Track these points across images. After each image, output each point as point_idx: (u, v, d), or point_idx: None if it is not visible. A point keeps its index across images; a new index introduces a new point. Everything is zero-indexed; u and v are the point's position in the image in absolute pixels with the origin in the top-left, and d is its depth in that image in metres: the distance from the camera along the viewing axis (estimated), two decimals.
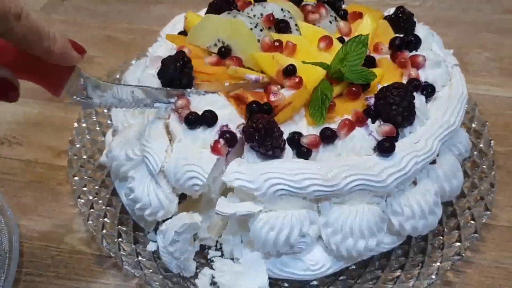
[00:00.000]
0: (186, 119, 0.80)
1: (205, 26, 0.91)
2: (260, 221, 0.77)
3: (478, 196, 0.93)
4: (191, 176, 0.77)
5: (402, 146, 0.79)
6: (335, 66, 0.83)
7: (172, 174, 0.79)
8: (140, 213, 0.84)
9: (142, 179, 0.82)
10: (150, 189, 0.81)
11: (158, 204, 0.81)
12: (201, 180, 0.76)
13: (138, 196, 0.82)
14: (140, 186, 0.82)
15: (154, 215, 0.82)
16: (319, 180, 0.75)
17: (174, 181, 0.79)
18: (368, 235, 0.78)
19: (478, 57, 1.36)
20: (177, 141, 0.80)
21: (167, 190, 0.81)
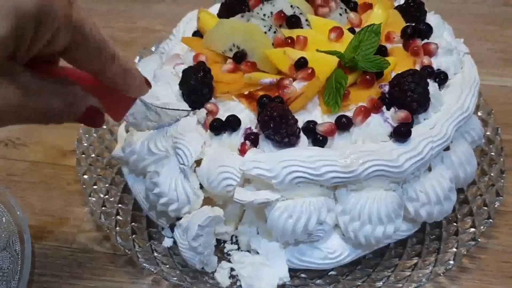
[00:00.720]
0: (211, 126, 0.81)
1: (220, 31, 0.91)
2: (278, 209, 0.77)
3: (488, 183, 0.94)
4: (225, 177, 0.77)
5: (418, 131, 0.79)
6: (348, 55, 0.84)
7: (205, 177, 0.79)
8: (163, 208, 0.83)
9: (169, 174, 0.81)
10: (178, 184, 0.80)
11: (185, 199, 0.80)
12: (235, 180, 0.77)
13: (164, 191, 0.81)
14: (167, 181, 0.81)
15: (178, 210, 0.81)
16: (337, 167, 0.75)
17: (207, 184, 0.79)
18: (386, 221, 0.78)
19: (480, 48, 1.38)
20: (208, 146, 0.81)
21: (195, 186, 0.81)
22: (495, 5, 1.53)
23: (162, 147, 0.84)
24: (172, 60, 0.94)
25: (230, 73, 0.88)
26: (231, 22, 0.92)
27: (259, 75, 0.86)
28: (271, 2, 0.98)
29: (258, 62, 0.89)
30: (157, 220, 0.89)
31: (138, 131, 0.88)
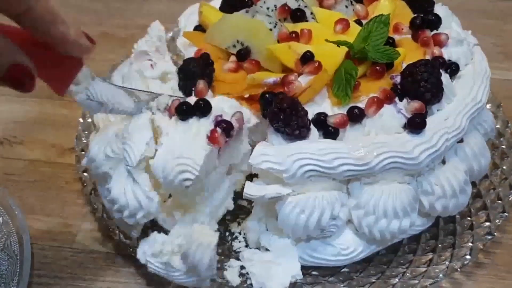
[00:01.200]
0: (178, 108, 0.75)
1: (224, 26, 0.89)
2: (289, 204, 0.74)
3: (501, 176, 0.92)
4: (181, 170, 0.71)
5: (432, 123, 0.77)
6: (358, 45, 0.81)
7: (160, 169, 0.73)
8: (118, 215, 0.78)
9: (119, 178, 0.77)
10: (127, 188, 0.75)
11: (136, 204, 0.75)
12: (193, 174, 0.71)
13: (115, 196, 0.76)
14: (117, 185, 0.76)
15: (133, 217, 0.76)
16: (350, 159, 0.73)
17: (162, 178, 0.73)
18: (402, 215, 0.75)
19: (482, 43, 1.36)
20: (165, 135, 0.75)
21: (145, 187, 0.75)
22: (492, 0, 1.52)
23: (118, 150, 0.78)
24: (139, 57, 0.90)
25: (232, 73, 0.85)
26: (236, 18, 0.90)
27: (263, 74, 0.83)
28: None
29: (262, 60, 0.86)
30: (125, 229, 0.84)
31: (93, 113, 0.82)
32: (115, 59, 1.25)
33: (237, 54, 0.87)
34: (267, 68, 0.88)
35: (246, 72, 0.86)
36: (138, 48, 0.95)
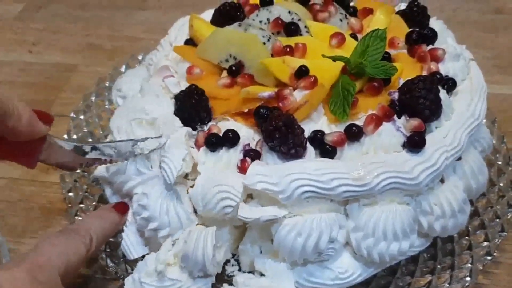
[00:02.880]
0: (207, 141, 0.76)
1: (216, 41, 0.86)
2: (285, 226, 0.71)
3: (499, 194, 0.90)
4: (223, 197, 0.71)
5: (431, 141, 0.75)
6: (355, 60, 0.79)
7: (200, 198, 0.73)
8: (151, 234, 0.76)
9: (159, 196, 0.75)
10: (170, 207, 0.74)
11: (178, 223, 0.74)
12: (235, 201, 0.70)
13: (153, 215, 0.74)
14: (157, 204, 0.74)
15: (170, 235, 0.75)
16: (349, 180, 0.70)
17: (202, 206, 0.73)
18: (401, 237, 0.73)
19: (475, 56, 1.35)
20: (201, 163, 0.75)
21: (188, 209, 0.75)
22: (486, 12, 1.51)
23: (151, 166, 0.78)
24: (160, 72, 0.88)
25: (226, 88, 0.83)
26: (228, 32, 0.87)
27: (257, 88, 0.81)
28: (268, 8, 0.93)
29: (256, 74, 0.84)
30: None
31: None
32: (101, 72, 1.22)
33: (229, 71, 0.84)
34: (261, 82, 0.85)
35: (240, 87, 0.83)
36: (158, 63, 0.93)
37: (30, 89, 1.25)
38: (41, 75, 1.29)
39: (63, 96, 1.23)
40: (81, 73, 1.30)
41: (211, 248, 0.71)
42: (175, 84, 0.86)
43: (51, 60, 1.34)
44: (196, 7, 1.13)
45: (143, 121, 0.83)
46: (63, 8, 1.54)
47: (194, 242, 0.71)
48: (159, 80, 0.89)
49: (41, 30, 1.46)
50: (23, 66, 1.32)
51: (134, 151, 0.79)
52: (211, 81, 0.85)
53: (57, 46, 1.40)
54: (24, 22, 1.49)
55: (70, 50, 1.38)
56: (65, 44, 1.40)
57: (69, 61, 1.34)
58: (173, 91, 0.85)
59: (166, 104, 0.83)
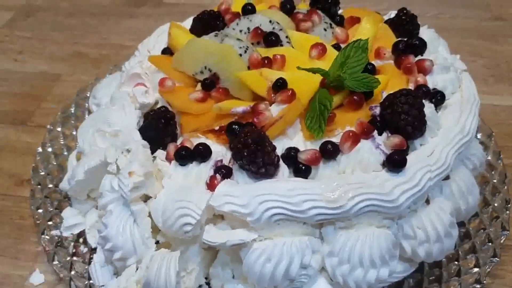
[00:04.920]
0: (177, 154, 0.72)
1: (191, 51, 0.83)
2: (254, 251, 0.67)
3: (492, 214, 0.84)
4: (182, 214, 0.67)
5: (414, 159, 0.70)
6: (334, 73, 0.74)
7: (160, 213, 0.69)
8: (109, 255, 0.72)
9: (120, 215, 0.71)
10: (126, 228, 0.70)
11: (131, 247, 0.70)
12: (194, 218, 0.66)
13: (109, 234, 0.70)
14: (116, 223, 0.70)
15: (123, 260, 0.71)
16: (322, 202, 0.65)
17: (162, 222, 0.69)
18: (379, 264, 0.68)
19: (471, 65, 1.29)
20: (167, 177, 0.71)
21: (145, 233, 0.70)
22: (484, 19, 1.46)
23: (120, 185, 0.73)
24: (131, 80, 0.85)
25: (199, 102, 0.79)
26: (203, 42, 0.83)
27: (230, 103, 0.76)
28: (248, 17, 0.88)
29: (231, 88, 0.80)
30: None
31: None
32: (85, 81, 1.19)
33: (203, 85, 0.80)
34: (237, 96, 0.81)
35: (215, 101, 0.79)
36: (130, 69, 0.91)
37: (11, 99, 1.22)
38: (24, 84, 1.27)
39: (45, 106, 1.20)
40: (64, 82, 1.27)
41: (174, 275, 0.66)
42: (143, 93, 0.84)
43: (35, 69, 1.32)
44: (187, 15, 1.09)
45: (106, 133, 0.79)
46: (51, 16, 1.51)
47: (156, 268, 0.67)
48: (129, 89, 0.86)
49: (28, 38, 1.43)
50: (6, 75, 1.30)
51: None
52: (183, 95, 0.81)
53: (42, 54, 1.37)
54: (11, 30, 1.46)
55: (55, 59, 1.35)
56: (51, 52, 1.37)
57: (54, 70, 1.31)
58: (139, 101, 0.83)
59: (130, 116, 0.80)
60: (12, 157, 1.07)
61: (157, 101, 0.86)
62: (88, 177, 0.79)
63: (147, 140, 0.77)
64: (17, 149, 1.09)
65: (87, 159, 0.80)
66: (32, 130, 1.13)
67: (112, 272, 0.75)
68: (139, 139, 0.76)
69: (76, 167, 0.81)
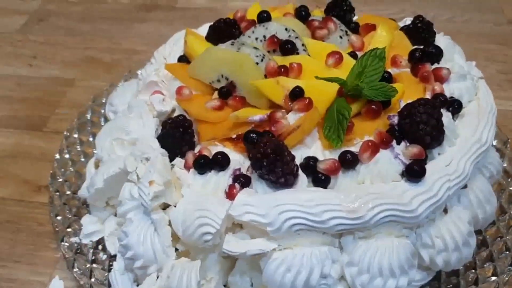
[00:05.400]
0: (196, 163, 0.72)
1: (207, 59, 0.83)
2: (274, 261, 0.67)
3: (509, 222, 0.85)
4: (202, 223, 0.67)
5: (433, 169, 0.70)
6: (352, 82, 0.75)
7: (180, 222, 0.69)
8: (129, 263, 0.73)
9: (141, 224, 0.72)
10: (147, 237, 0.71)
11: (152, 256, 0.71)
12: (215, 228, 0.66)
13: (131, 242, 0.71)
14: (136, 232, 0.71)
15: (144, 268, 0.72)
16: (342, 212, 0.66)
17: (182, 231, 0.70)
18: (399, 274, 0.68)
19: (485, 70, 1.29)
20: (186, 187, 0.72)
21: (165, 242, 0.71)
22: (499, 24, 1.46)
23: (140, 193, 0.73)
24: (148, 88, 0.86)
25: (216, 111, 0.79)
26: (220, 51, 0.84)
27: (247, 112, 0.77)
28: (264, 24, 0.89)
29: (248, 96, 0.80)
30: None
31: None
32: (99, 86, 1.20)
33: (219, 92, 0.81)
34: (253, 104, 0.81)
35: (232, 110, 0.79)
36: (147, 77, 0.91)
37: (26, 105, 1.23)
38: (38, 90, 1.28)
39: (59, 112, 1.21)
40: (78, 88, 1.28)
41: (196, 285, 0.67)
42: (160, 101, 0.84)
43: (48, 74, 1.33)
44: (199, 19, 1.10)
45: (124, 142, 0.80)
46: (63, 21, 1.52)
47: (177, 277, 0.68)
48: (146, 97, 0.86)
49: (41, 43, 1.44)
50: (20, 80, 1.31)
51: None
52: (200, 103, 0.81)
53: (55, 59, 1.38)
54: (24, 35, 1.47)
55: (68, 64, 1.36)
56: (63, 57, 1.39)
57: (67, 75, 1.32)
58: (157, 109, 0.83)
59: (148, 124, 0.81)
60: (27, 163, 1.08)
61: (174, 109, 0.86)
62: (107, 185, 0.80)
63: (165, 148, 0.77)
64: (32, 155, 1.10)
65: (106, 168, 0.81)
66: (47, 136, 1.14)
67: (132, 279, 0.76)
68: (157, 147, 0.77)
69: (95, 175, 0.82)
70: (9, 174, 1.05)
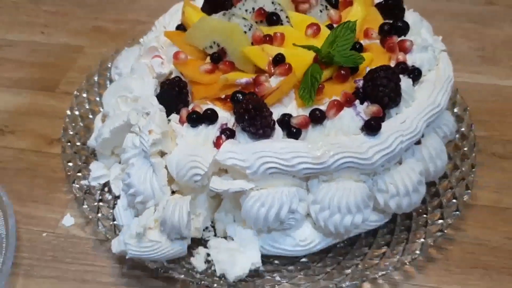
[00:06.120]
0: (189, 117, 0.84)
1: (201, 28, 0.94)
2: (251, 198, 0.80)
3: (460, 177, 0.97)
4: (193, 166, 0.80)
5: (388, 126, 0.82)
6: (325, 50, 0.86)
7: (174, 165, 0.82)
8: (130, 199, 0.86)
9: (141, 166, 0.84)
10: (147, 178, 0.83)
11: (150, 193, 0.83)
12: (203, 170, 0.79)
13: (133, 182, 0.84)
14: (138, 173, 0.84)
15: (144, 203, 0.84)
16: (309, 159, 0.78)
17: (176, 172, 0.82)
18: (354, 211, 0.81)
19: (460, 47, 1.41)
20: (180, 137, 0.84)
21: (162, 182, 0.83)
22: (477, 3, 1.55)
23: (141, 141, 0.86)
24: (149, 52, 0.97)
25: (208, 74, 0.91)
26: (212, 21, 0.95)
27: (235, 75, 0.88)
28: None
29: (237, 61, 0.91)
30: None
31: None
32: (105, 53, 1.31)
33: (211, 57, 0.92)
34: (241, 69, 0.93)
35: (222, 73, 0.91)
36: (148, 43, 1.02)
37: (40, 69, 1.35)
38: (50, 55, 1.39)
39: (70, 75, 1.33)
40: (86, 54, 1.40)
41: (186, 214, 0.80)
42: (159, 64, 0.96)
43: (60, 42, 1.44)
44: None
45: (127, 99, 0.92)
46: None
47: (171, 209, 0.81)
48: (147, 60, 0.98)
49: (52, 13, 1.55)
50: (34, 46, 1.43)
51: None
52: (194, 67, 0.93)
53: (65, 28, 1.49)
54: (37, 5, 1.58)
55: (77, 33, 1.47)
56: (73, 26, 1.49)
57: (76, 43, 1.43)
58: (156, 71, 0.95)
59: (149, 84, 0.93)
60: (41, 119, 1.21)
61: (171, 71, 0.98)
62: (113, 136, 0.93)
63: (163, 105, 0.90)
64: (45, 112, 1.23)
65: (111, 121, 0.94)
66: (59, 96, 1.27)
67: (133, 214, 0.90)
68: (156, 104, 0.89)
69: (102, 127, 0.95)
70: (26, 128, 1.18)
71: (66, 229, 0.98)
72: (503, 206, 1.00)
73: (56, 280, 0.90)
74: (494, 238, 0.95)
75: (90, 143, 0.99)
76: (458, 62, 1.33)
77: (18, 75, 1.33)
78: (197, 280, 0.83)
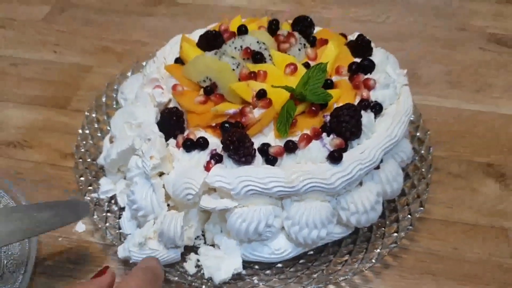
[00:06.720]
0: (184, 144, 1.00)
1: (196, 65, 1.10)
2: (235, 214, 0.96)
3: (415, 195, 1.13)
4: (187, 187, 0.95)
5: (350, 155, 0.98)
6: (299, 90, 1.02)
7: (171, 185, 0.97)
8: (134, 212, 1.02)
9: (143, 185, 1.01)
10: (147, 195, 0.99)
11: (150, 208, 1.00)
12: (195, 191, 0.94)
13: (136, 198, 1.00)
14: (140, 191, 1.00)
15: (145, 217, 1.01)
16: (282, 183, 0.94)
17: (172, 191, 0.97)
18: (320, 227, 0.97)
19: (430, 70, 1.55)
20: (176, 161, 1.00)
21: (160, 199, 1.00)
22: (452, 29, 1.69)
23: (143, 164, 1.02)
24: (151, 82, 1.13)
25: (201, 104, 1.07)
26: (206, 59, 1.10)
27: (224, 106, 1.04)
28: (242, 37, 1.16)
29: (226, 94, 1.07)
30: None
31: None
32: (112, 73, 1.47)
33: (204, 90, 1.08)
34: (230, 101, 1.08)
35: (213, 104, 1.07)
36: (150, 74, 1.19)
37: (52, 86, 1.51)
38: (62, 74, 1.54)
39: (80, 93, 1.48)
40: (95, 74, 1.55)
41: (180, 228, 0.96)
42: (160, 94, 1.12)
43: (70, 61, 1.60)
44: (197, 13, 1.27)
45: (132, 125, 1.08)
46: (82, 12, 1.78)
47: (167, 223, 0.97)
48: (149, 90, 1.14)
49: (62, 32, 1.70)
50: (47, 65, 1.58)
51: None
52: (190, 98, 1.09)
53: (75, 47, 1.64)
54: (49, 24, 1.73)
55: (86, 52, 1.63)
56: (82, 46, 1.64)
57: (85, 62, 1.58)
58: (157, 100, 1.11)
59: (150, 112, 1.09)
60: (56, 135, 1.36)
61: (170, 99, 1.15)
62: (119, 157, 1.09)
63: (163, 131, 1.06)
64: (59, 128, 1.38)
65: (118, 143, 1.10)
66: (70, 114, 1.42)
67: (136, 224, 1.06)
68: (157, 131, 1.05)
69: (110, 149, 1.11)
70: (43, 143, 1.33)
71: (79, 235, 1.14)
72: (453, 220, 1.16)
73: (70, 278, 1.07)
74: (444, 248, 1.10)
75: (99, 161, 1.15)
76: (427, 86, 1.50)
77: (34, 93, 1.49)
78: (189, 282, 1.00)
